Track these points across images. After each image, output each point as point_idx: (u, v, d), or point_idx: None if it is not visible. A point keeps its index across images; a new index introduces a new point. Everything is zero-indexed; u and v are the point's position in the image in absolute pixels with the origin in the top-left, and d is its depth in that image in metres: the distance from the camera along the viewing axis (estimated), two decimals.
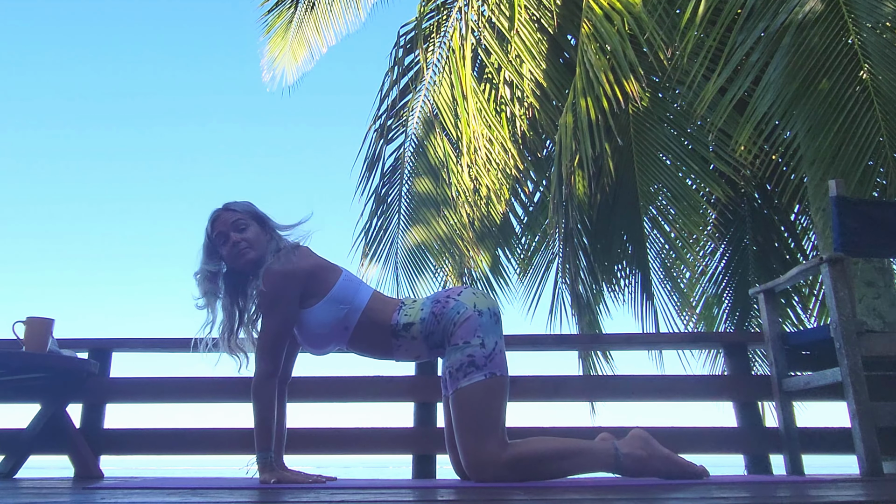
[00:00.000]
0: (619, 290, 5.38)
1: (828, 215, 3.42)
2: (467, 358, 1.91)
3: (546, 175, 5.60)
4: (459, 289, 2.07)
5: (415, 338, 1.99)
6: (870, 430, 2.08)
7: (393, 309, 2.03)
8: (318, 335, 2.01)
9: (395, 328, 2.00)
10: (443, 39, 5.61)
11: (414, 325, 1.99)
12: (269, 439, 1.91)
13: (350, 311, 1.99)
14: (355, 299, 2.01)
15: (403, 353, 2.04)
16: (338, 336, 2.02)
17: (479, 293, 2.05)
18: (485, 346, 1.93)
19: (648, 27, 4.08)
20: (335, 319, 1.99)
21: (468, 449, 1.87)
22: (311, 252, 2.09)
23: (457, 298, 2.00)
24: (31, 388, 2.60)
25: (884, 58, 3.27)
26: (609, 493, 1.44)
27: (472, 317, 1.95)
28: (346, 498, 1.31)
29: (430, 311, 1.99)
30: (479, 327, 1.94)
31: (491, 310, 2.00)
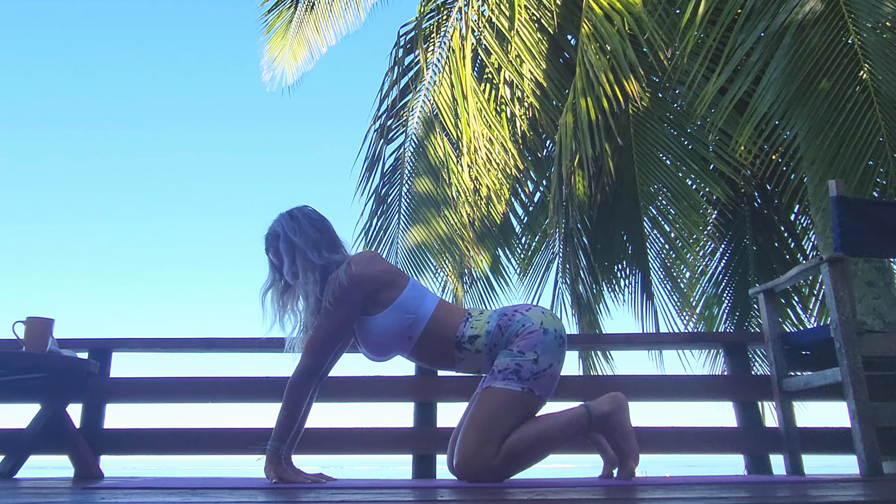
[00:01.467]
0: (619, 290, 5.38)
1: (828, 215, 3.42)
2: (515, 365, 1.90)
3: (546, 175, 5.60)
4: (529, 305, 2.05)
5: (479, 351, 1.97)
6: (870, 430, 2.08)
7: (459, 320, 2.00)
8: (381, 343, 2.00)
9: (460, 340, 1.97)
10: (443, 39, 5.61)
11: (479, 337, 1.97)
12: (288, 433, 1.91)
13: (416, 320, 1.97)
14: (421, 309, 1.98)
15: (466, 365, 2.02)
16: (401, 345, 2.00)
17: (549, 313, 2.03)
18: (537, 363, 1.90)
19: (648, 27, 4.08)
20: (400, 328, 1.96)
21: (467, 448, 1.86)
22: (381, 258, 2.08)
23: (524, 313, 1.99)
24: (31, 388, 2.60)
25: (884, 58, 3.27)
26: (609, 493, 1.44)
27: (536, 332, 1.93)
28: (346, 498, 1.31)
29: (496, 324, 1.97)
30: (540, 344, 1.92)
31: (557, 331, 1.97)
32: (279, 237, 2.04)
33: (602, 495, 1.37)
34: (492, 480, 1.83)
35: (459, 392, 2.69)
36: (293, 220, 2.05)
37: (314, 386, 2.02)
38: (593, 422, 1.95)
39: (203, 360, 2.20)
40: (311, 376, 1.95)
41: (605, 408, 1.97)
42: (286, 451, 1.93)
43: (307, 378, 1.94)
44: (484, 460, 1.83)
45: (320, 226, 2.06)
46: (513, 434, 1.89)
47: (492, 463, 1.83)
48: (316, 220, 2.07)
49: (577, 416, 1.95)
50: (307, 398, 1.98)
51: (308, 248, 2.00)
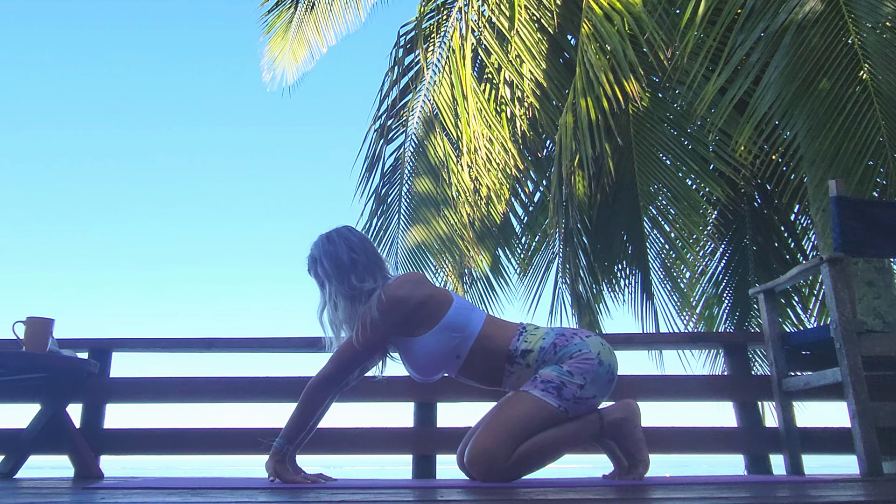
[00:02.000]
0: (619, 290, 5.38)
1: (828, 215, 3.42)
2: (559, 381, 1.89)
3: (546, 175, 5.60)
4: (590, 332, 2.04)
5: (529, 366, 1.95)
6: (870, 430, 2.08)
7: (511, 334, 1.98)
8: (428, 364, 1.98)
9: (513, 354, 1.95)
10: (443, 39, 5.60)
11: (532, 352, 1.95)
12: (298, 435, 1.91)
13: (463, 339, 1.95)
14: (468, 327, 1.96)
15: (514, 381, 1.98)
16: (448, 365, 1.98)
17: (608, 346, 2.01)
18: (583, 389, 1.89)
19: (648, 27, 4.08)
20: (446, 348, 1.94)
21: (484, 443, 1.85)
22: (425, 280, 2.06)
23: (584, 339, 1.97)
24: (31, 388, 2.60)
25: (884, 58, 3.27)
26: (609, 493, 1.44)
27: (591, 360, 1.92)
28: (346, 498, 1.31)
29: (552, 342, 1.95)
30: (591, 373, 1.91)
31: (611, 366, 1.97)
32: (316, 261, 2.04)
33: (602, 495, 1.37)
34: (499, 479, 1.83)
35: (460, 392, 2.69)
36: (330, 243, 2.04)
37: (333, 394, 2.02)
38: (605, 428, 1.95)
39: (203, 360, 2.21)
40: (331, 384, 1.95)
41: (617, 415, 1.97)
42: (292, 451, 1.93)
43: (327, 385, 1.94)
44: (497, 459, 1.83)
45: (358, 249, 2.02)
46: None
47: (503, 463, 1.83)
48: (355, 243, 2.04)
49: (590, 422, 1.95)
50: (323, 404, 1.97)
51: (337, 275, 1.98)
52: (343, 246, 2.02)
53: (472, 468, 1.88)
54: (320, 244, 2.05)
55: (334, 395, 2.04)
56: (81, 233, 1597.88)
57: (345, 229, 2.09)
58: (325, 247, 2.03)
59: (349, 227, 2.11)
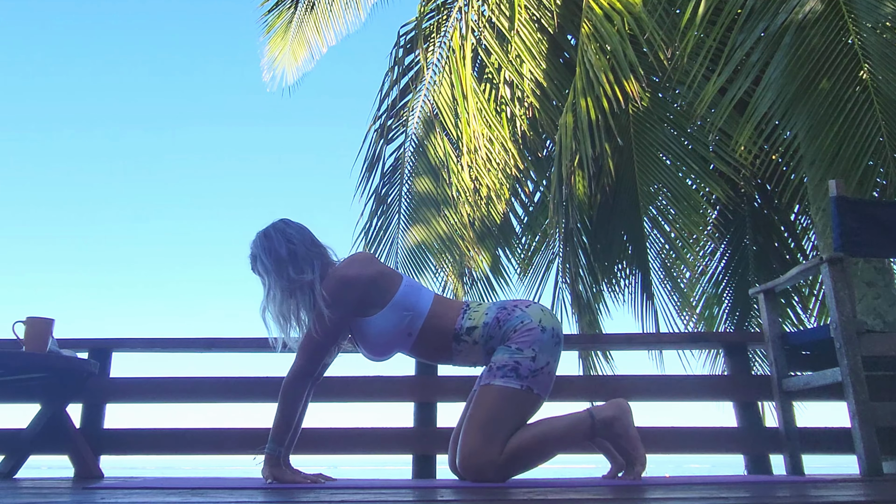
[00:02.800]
0: (619, 290, 5.38)
1: (828, 215, 3.42)
2: (513, 362, 1.90)
3: (546, 175, 5.60)
4: (529, 301, 2.06)
5: (476, 342, 1.97)
6: (870, 430, 2.08)
7: (457, 313, 2.01)
8: (382, 343, 2.00)
9: (458, 332, 1.98)
10: (443, 39, 5.61)
11: (476, 328, 1.97)
12: (285, 435, 1.91)
13: (414, 317, 1.97)
14: (418, 305, 1.99)
15: (463, 357, 2.02)
16: (401, 342, 2.01)
17: (548, 311, 2.03)
18: (535, 360, 1.91)
19: (648, 27, 4.08)
20: (398, 326, 1.97)
21: (470, 446, 1.86)
22: (374, 258, 2.07)
23: (524, 310, 1.99)
24: (31, 388, 2.60)
25: (884, 58, 3.27)
26: (608, 493, 1.44)
27: (534, 329, 1.94)
28: (346, 498, 1.31)
29: (495, 317, 1.98)
30: (538, 342, 1.93)
31: (555, 330, 1.98)
32: (256, 258, 2.05)
33: (602, 495, 1.37)
34: (495, 479, 1.83)
35: (459, 392, 2.69)
36: (267, 238, 2.05)
37: (309, 387, 2.02)
38: (596, 427, 1.96)
39: (203, 360, 2.20)
40: (304, 378, 1.95)
41: (608, 413, 1.98)
42: (284, 453, 1.93)
43: (301, 380, 1.94)
44: (487, 458, 1.83)
45: (296, 241, 2.04)
46: (516, 435, 1.89)
47: (496, 461, 1.83)
48: (292, 235, 2.05)
49: (580, 420, 1.96)
50: (302, 400, 1.97)
51: (276, 269, 2.00)
52: (280, 239, 2.03)
53: (465, 474, 1.89)
54: (258, 241, 2.06)
55: (310, 389, 2.06)
56: (82, 233, 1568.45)
57: (281, 223, 2.10)
58: (262, 243, 2.05)
59: (285, 220, 2.11)
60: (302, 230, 2.09)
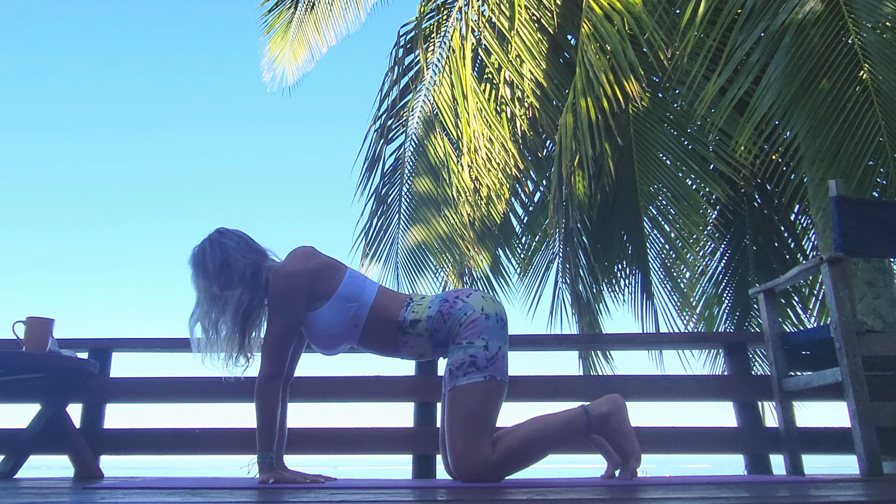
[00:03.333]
0: (619, 290, 5.38)
1: (828, 215, 3.42)
2: (469, 357, 1.92)
3: (546, 175, 5.60)
4: (469, 291, 2.07)
5: (420, 335, 1.99)
6: (870, 430, 2.08)
7: (400, 305, 2.03)
8: (330, 336, 2.01)
9: (402, 325, 2.00)
10: (443, 39, 5.61)
11: (420, 322, 1.99)
12: (272, 439, 1.91)
13: (358, 307, 1.99)
14: (362, 295, 2.00)
15: (409, 350, 2.04)
16: (349, 334, 2.01)
17: (489, 297, 2.05)
18: (488, 348, 1.93)
19: (648, 27, 4.08)
20: (344, 318, 1.98)
21: (458, 450, 1.87)
22: (315, 251, 2.07)
23: (465, 300, 2.00)
24: (31, 388, 2.60)
25: (884, 58, 3.27)
26: (608, 493, 1.44)
27: (478, 319, 1.96)
28: (346, 498, 1.31)
29: (438, 310, 1.99)
30: (485, 330, 1.95)
31: (498, 314, 2.00)
32: (191, 274, 2.06)
33: (602, 495, 1.37)
34: (491, 479, 1.83)
35: None
36: (200, 254, 2.05)
37: (282, 388, 2.03)
38: (591, 423, 1.96)
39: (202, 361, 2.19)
40: (274, 379, 1.95)
41: (602, 409, 1.98)
42: (276, 457, 1.93)
43: (270, 381, 1.94)
44: (480, 459, 1.84)
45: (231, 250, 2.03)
46: (510, 434, 1.90)
47: (490, 460, 1.84)
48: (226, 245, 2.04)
49: (575, 417, 1.96)
50: (278, 402, 1.97)
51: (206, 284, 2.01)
52: (214, 252, 2.03)
53: (462, 479, 1.89)
54: (191, 257, 2.07)
55: (284, 389, 2.07)
56: (82, 233, 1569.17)
57: (216, 233, 2.09)
58: (194, 259, 2.05)
59: (220, 230, 2.10)
60: (237, 237, 2.08)
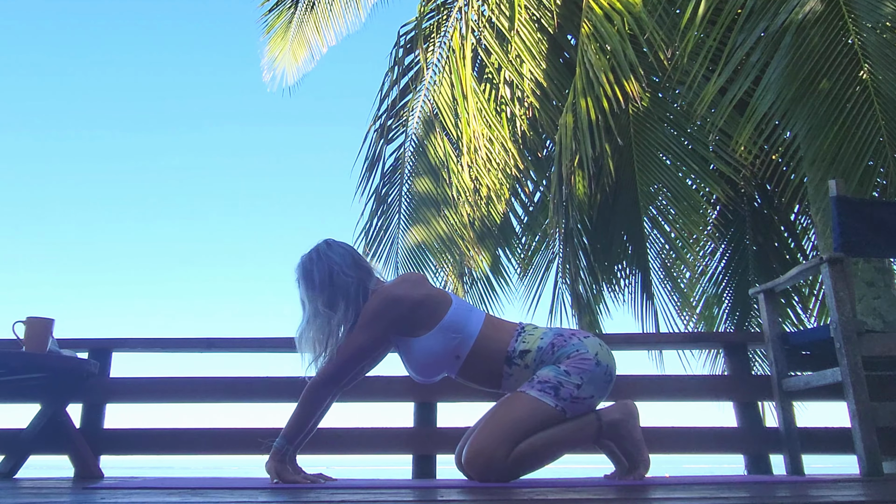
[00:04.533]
0: (619, 290, 5.38)
1: (828, 215, 3.41)
2: (556, 381, 1.89)
3: (546, 175, 5.60)
4: (588, 333, 2.04)
5: (527, 366, 1.95)
6: (870, 430, 2.08)
7: (509, 336, 1.98)
8: (428, 364, 1.98)
9: (511, 355, 1.95)
10: (443, 39, 5.61)
11: (530, 352, 1.95)
12: (298, 435, 1.91)
13: (462, 339, 1.95)
14: (467, 327, 1.96)
15: (512, 382, 1.97)
16: (448, 365, 1.99)
17: (605, 347, 2.01)
18: (580, 389, 1.89)
19: (648, 27, 4.08)
20: (446, 349, 1.95)
21: (482, 443, 1.85)
22: (425, 281, 2.05)
23: (582, 339, 1.97)
24: (31, 388, 2.60)
25: (884, 58, 3.27)
26: (609, 493, 1.44)
27: (588, 360, 1.92)
28: (346, 498, 1.31)
29: (550, 342, 1.95)
30: (589, 373, 1.91)
31: (609, 367, 1.97)
32: (297, 282, 2.05)
33: (602, 495, 1.37)
34: (498, 479, 1.83)
35: (460, 392, 2.69)
36: (308, 263, 2.04)
37: (334, 394, 2.02)
38: (603, 429, 1.95)
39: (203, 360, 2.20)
40: (331, 385, 1.95)
41: (615, 415, 1.97)
42: (292, 452, 1.92)
43: (327, 386, 1.94)
44: (495, 458, 1.83)
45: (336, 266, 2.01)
46: None
47: (501, 463, 1.83)
48: (332, 260, 2.02)
49: (587, 423, 1.95)
50: (323, 404, 1.97)
51: (311, 297, 2.00)
52: (322, 265, 2.01)
53: (469, 468, 1.88)
54: (298, 266, 2.05)
55: (335, 395, 2.05)
56: (82, 233, 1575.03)
57: (323, 245, 2.07)
58: (301, 270, 2.04)
59: (328, 242, 2.08)
60: (344, 254, 2.05)
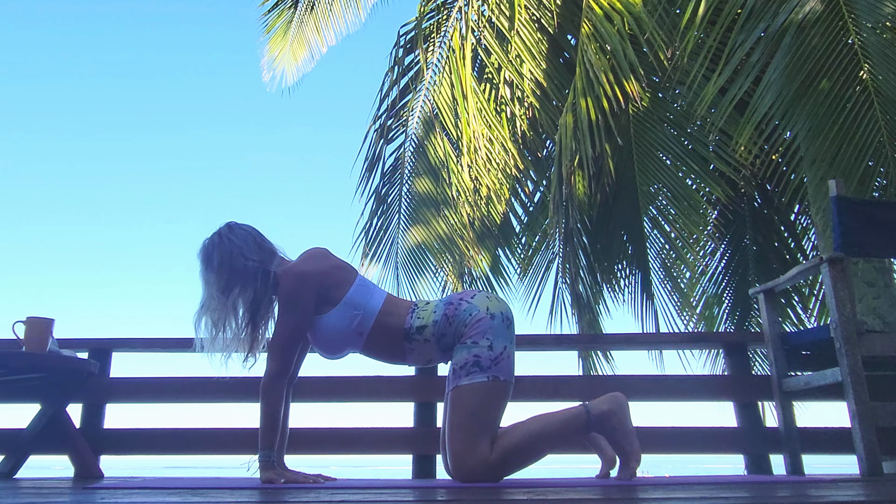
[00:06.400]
0: (619, 290, 5.38)
1: (828, 215, 3.42)
2: (473, 357, 1.91)
3: (546, 175, 5.60)
4: (473, 292, 2.06)
5: (427, 340, 1.98)
6: (870, 430, 2.08)
7: (405, 312, 2.02)
8: (333, 341, 2.01)
9: (409, 331, 1.99)
10: (443, 39, 5.61)
11: (427, 327, 1.98)
12: (274, 438, 1.91)
13: (364, 316, 1.98)
14: (369, 304, 2.00)
15: (416, 356, 2.03)
16: (352, 341, 2.01)
17: (493, 297, 2.04)
18: (493, 348, 1.92)
19: (648, 27, 4.08)
20: (349, 325, 1.98)
21: (457, 449, 1.86)
22: (328, 253, 2.07)
23: (470, 301, 2.00)
24: (31, 388, 2.60)
25: (884, 58, 3.27)
26: (609, 493, 1.44)
27: (483, 319, 1.95)
28: (346, 498, 1.31)
29: (443, 314, 1.98)
30: (490, 329, 1.94)
31: (504, 314, 1.99)
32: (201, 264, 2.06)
33: (602, 495, 1.37)
34: (489, 479, 1.83)
35: None
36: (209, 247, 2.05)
37: (286, 388, 2.03)
38: (592, 421, 1.95)
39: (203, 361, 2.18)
40: (279, 379, 1.95)
41: (604, 407, 1.97)
42: (277, 456, 1.93)
43: (276, 381, 1.94)
44: (478, 459, 1.83)
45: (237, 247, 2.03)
46: (508, 434, 1.89)
47: (488, 460, 1.83)
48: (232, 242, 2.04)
49: (575, 415, 1.95)
50: (282, 401, 1.97)
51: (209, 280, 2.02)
52: (224, 247, 2.03)
53: (459, 479, 1.89)
54: (200, 251, 2.07)
55: (289, 389, 2.07)
56: (82, 233, 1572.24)
57: (225, 228, 2.09)
58: (203, 253, 2.06)
59: (230, 225, 2.10)
60: (245, 235, 2.07)
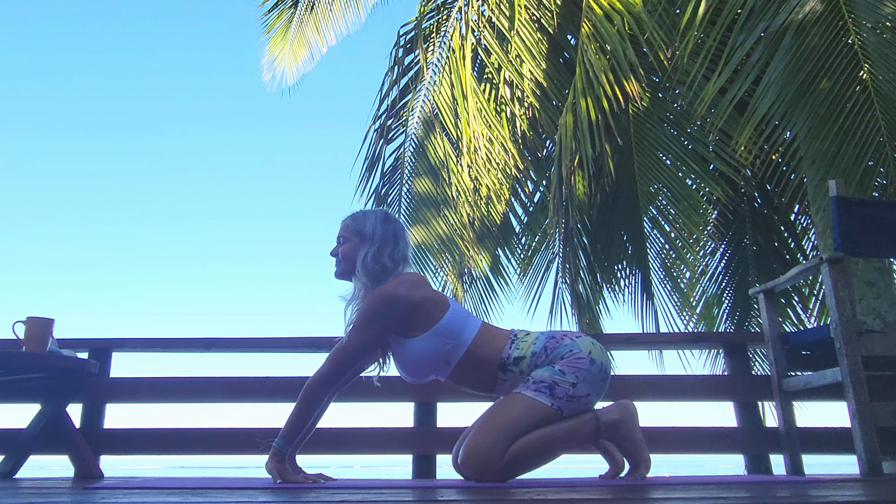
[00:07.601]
0: (619, 290, 5.38)
1: (828, 215, 3.41)
2: (551, 380, 1.89)
3: (546, 175, 5.60)
4: (579, 333, 2.05)
5: (522, 372, 1.95)
6: (870, 430, 2.08)
7: (504, 343, 1.99)
8: (419, 367, 1.99)
9: (506, 362, 1.96)
10: (443, 39, 5.61)
11: (524, 358, 1.95)
12: (296, 435, 1.92)
13: (455, 346, 1.95)
14: (462, 334, 1.96)
15: (507, 388, 1.98)
16: (438, 369, 1.99)
17: (598, 345, 2.01)
18: (575, 387, 1.89)
19: (648, 27, 4.08)
20: (437, 353, 1.95)
21: (477, 443, 1.86)
22: (425, 283, 2.05)
23: (574, 339, 1.98)
24: (31, 388, 2.59)
25: (884, 58, 3.27)
26: (609, 493, 1.44)
27: (583, 359, 1.92)
28: (346, 498, 1.31)
29: (543, 346, 1.96)
30: (583, 371, 1.91)
31: (603, 365, 1.97)
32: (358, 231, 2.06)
33: (602, 495, 1.37)
34: (494, 479, 1.83)
35: (459, 392, 2.68)
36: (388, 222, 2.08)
37: (331, 394, 2.03)
38: (601, 429, 1.95)
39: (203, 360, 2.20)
40: (328, 384, 1.95)
41: (613, 415, 1.97)
42: (291, 451, 1.93)
43: (325, 384, 1.94)
44: (490, 458, 1.83)
45: (401, 242, 2.07)
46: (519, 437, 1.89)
47: (498, 462, 1.83)
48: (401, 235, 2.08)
49: (585, 423, 1.94)
50: (321, 403, 1.98)
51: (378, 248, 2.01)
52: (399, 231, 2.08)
53: (465, 468, 1.89)
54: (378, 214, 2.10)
55: (332, 394, 2.06)
56: (82, 233, 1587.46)
57: (402, 223, 2.16)
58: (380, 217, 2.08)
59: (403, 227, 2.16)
60: (405, 246, 2.10)
